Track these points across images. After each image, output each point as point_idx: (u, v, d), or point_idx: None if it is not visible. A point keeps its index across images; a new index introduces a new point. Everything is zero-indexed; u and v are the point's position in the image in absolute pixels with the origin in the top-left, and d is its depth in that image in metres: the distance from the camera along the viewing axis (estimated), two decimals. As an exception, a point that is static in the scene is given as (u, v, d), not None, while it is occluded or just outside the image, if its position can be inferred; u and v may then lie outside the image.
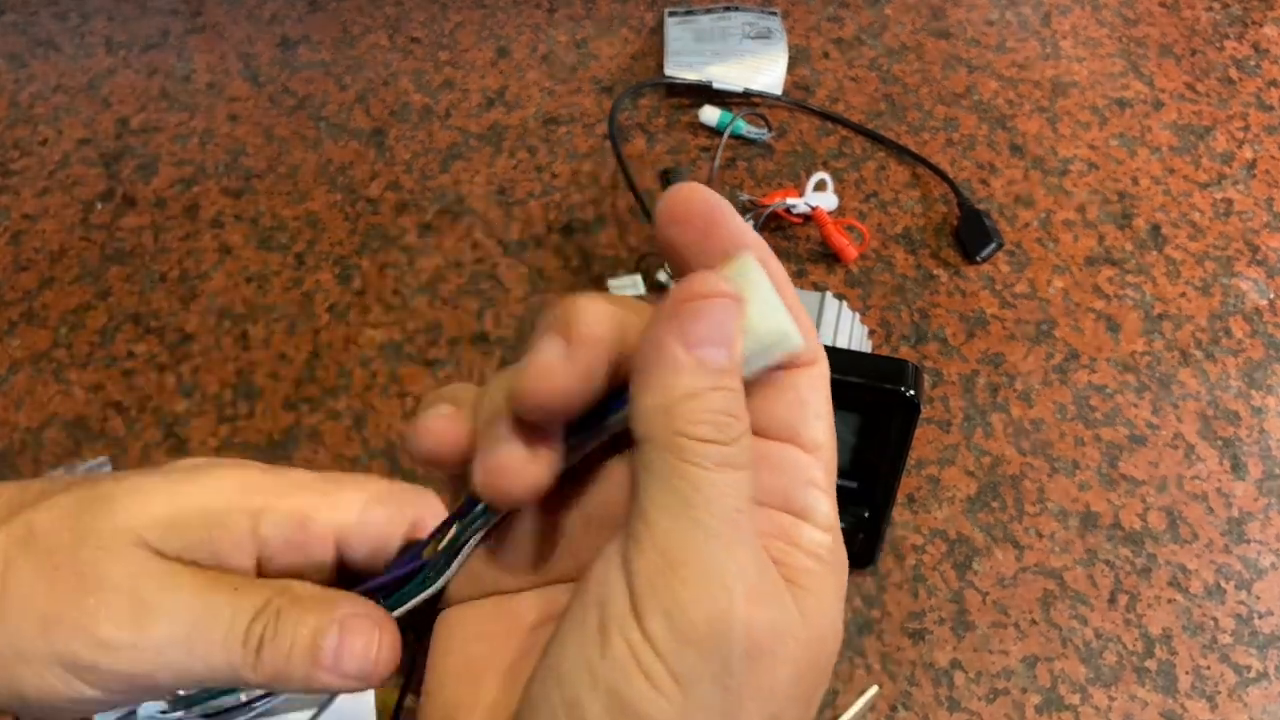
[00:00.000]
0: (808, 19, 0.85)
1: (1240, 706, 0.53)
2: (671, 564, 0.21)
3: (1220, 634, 0.55)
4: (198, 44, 0.84)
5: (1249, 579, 0.57)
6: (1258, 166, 0.76)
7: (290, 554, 0.28)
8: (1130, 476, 0.60)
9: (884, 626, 0.55)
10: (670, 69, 0.79)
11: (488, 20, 0.85)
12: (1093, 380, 0.64)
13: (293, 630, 0.27)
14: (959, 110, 0.79)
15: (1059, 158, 0.76)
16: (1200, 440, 0.62)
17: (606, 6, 0.86)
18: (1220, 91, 0.81)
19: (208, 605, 0.27)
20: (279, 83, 0.81)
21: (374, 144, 0.76)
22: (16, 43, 0.84)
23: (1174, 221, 0.72)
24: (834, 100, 0.79)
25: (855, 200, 0.73)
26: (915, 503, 0.59)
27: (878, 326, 0.66)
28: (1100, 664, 0.54)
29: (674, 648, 0.21)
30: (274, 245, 0.71)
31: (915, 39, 0.84)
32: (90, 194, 0.74)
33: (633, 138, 0.77)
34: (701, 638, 0.21)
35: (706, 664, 0.21)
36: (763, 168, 0.75)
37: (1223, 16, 0.86)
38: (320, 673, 0.27)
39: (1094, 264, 0.70)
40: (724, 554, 0.21)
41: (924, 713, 0.52)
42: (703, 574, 0.21)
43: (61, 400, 0.64)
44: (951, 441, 0.61)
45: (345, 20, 0.85)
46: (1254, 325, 0.67)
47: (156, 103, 0.79)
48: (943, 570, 0.57)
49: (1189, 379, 0.65)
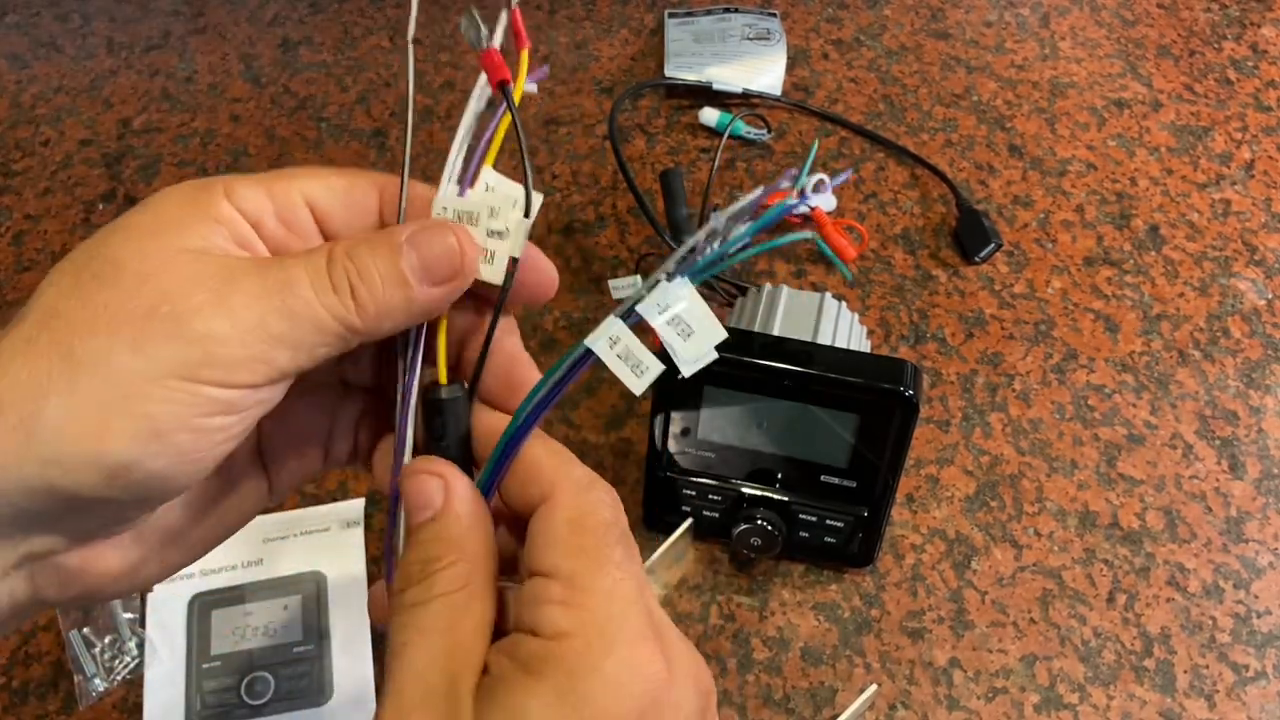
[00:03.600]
0: (807, 20, 0.85)
1: (1238, 705, 0.53)
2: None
3: (1219, 633, 0.55)
4: (199, 45, 0.84)
5: (1247, 578, 0.57)
6: (1256, 167, 0.76)
7: (278, 230, 0.29)
8: (1129, 476, 0.61)
9: (883, 626, 0.55)
10: (670, 70, 0.79)
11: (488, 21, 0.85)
12: (1091, 380, 0.65)
13: (371, 262, 0.27)
14: (958, 111, 0.79)
15: (1057, 158, 0.76)
16: (1198, 440, 0.62)
17: (607, 8, 0.86)
18: (1218, 92, 0.81)
19: (279, 273, 0.26)
20: (280, 84, 0.81)
21: (375, 145, 0.77)
22: (18, 43, 0.84)
23: (1172, 222, 0.73)
24: (833, 101, 0.79)
25: (854, 201, 0.73)
26: (914, 502, 0.59)
27: (876, 327, 0.67)
28: (1099, 663, 0.54)
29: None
30: (275, 246, 0.71)
31: (914, 40, 0.84)
32: (92, 194, 0.74)
33: (633, 138, 0.77)
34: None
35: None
36: (762, 168, 0.75)
37: (1221, 17, 0.87)
38: (418, 289, 0.27)
39: (1092, 264, 0.70)
40: (387, 681, 0.26)
41: (923, 711, 0.53)
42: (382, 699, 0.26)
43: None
44: (950, 441, 0.62)
45: (346, 22, 0.85)
46: (1252, 325, 0.67)
47: (158, 103, 0.80)
48: (941, 569, 0.57)
49: (1187, 379, 0.65)
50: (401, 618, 0.26)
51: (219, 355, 0.25)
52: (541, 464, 0.28)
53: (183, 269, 0.25)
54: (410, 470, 0.28)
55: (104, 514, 0.27)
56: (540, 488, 0.28)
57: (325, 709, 0.52)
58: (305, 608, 0.54)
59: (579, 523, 0.27)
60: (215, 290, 0.25)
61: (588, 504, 0.27)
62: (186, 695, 0.52)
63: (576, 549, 0.26)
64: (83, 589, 0.28)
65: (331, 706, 0.52)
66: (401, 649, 0.26)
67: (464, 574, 0.27)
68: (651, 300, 0.27)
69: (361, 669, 0.53)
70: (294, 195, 0.29)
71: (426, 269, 0.27)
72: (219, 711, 0.51)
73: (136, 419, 0.24)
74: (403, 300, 0.27)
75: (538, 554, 0.27)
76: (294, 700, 0.52)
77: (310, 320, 0.26)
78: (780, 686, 0.53)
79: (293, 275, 0.26)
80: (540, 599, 0.25)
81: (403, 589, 0.27)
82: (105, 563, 0.28)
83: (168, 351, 0.24)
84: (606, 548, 0.27)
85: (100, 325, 0.24)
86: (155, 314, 0.24)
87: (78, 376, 0.24)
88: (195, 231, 0.26)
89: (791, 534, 0.54)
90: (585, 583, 0.26)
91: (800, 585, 0.56)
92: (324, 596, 0.55)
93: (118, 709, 0.52)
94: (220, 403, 0.25)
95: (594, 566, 0.26)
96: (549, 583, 0.26)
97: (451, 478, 0.28)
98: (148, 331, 0.24)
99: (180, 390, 0.24)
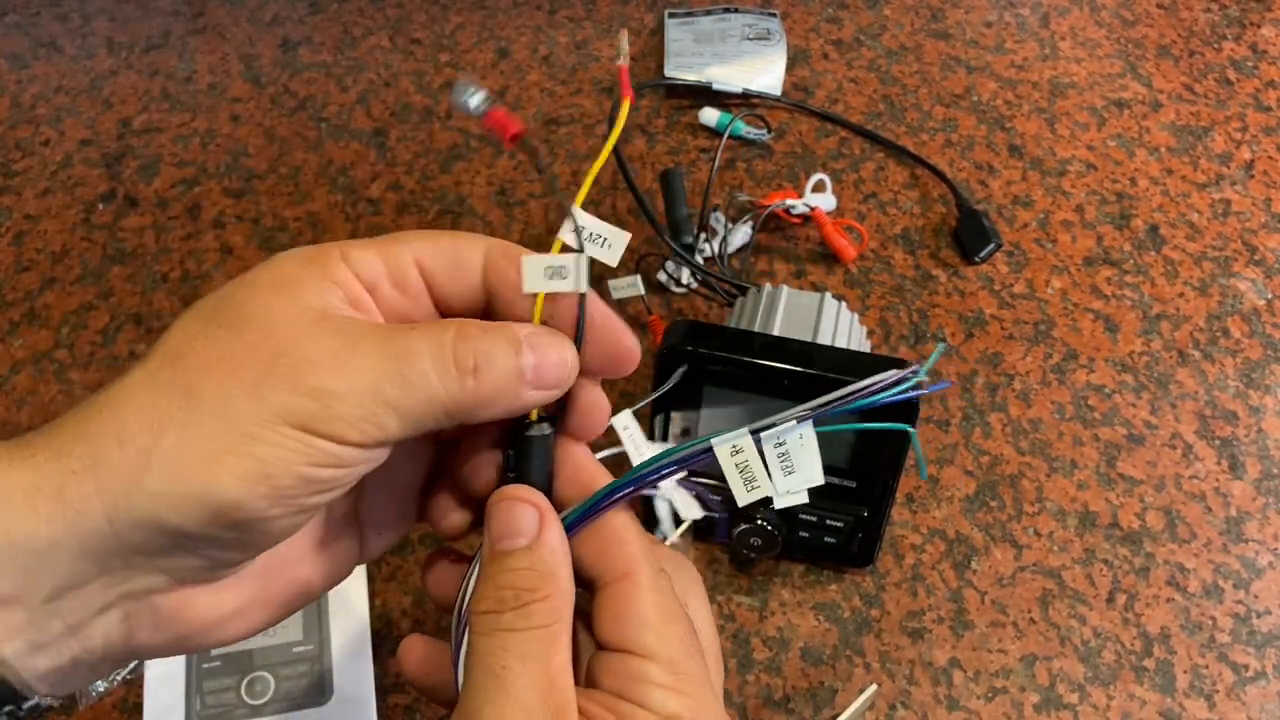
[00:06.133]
0: (807, 20, 0.85)
1: (1238, 705, 0.53)
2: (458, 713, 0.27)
3: (1218, 633, 0.55)
4: (199, 45, 0.84)
5: (1247, 578, 0.57)
6: (1255, 167, 0.76)
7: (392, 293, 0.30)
8: (1128, 476, 0.61)
9: (883, 625, 0.55)
10: (670, 70, 0.79)
11: (488, 22, 0.85)
12: (1091, 380, 0.65)
13: (492, 349, 0.28)
14: (958, 111, 0.79)
15: (1057, 158, 0.76)
16: (1198, 440, 0.62)
17: (607, 8, 0.86)
18: (1218, 92, 0.81)
19: (400, 342, 0.27)
20: (280, 84, 0.81)
21: (375, 145, 0.77)
22: (19, 43, 0.84)
23: (1172, 222, 0.73)
24: (833, 101, 0.79)
25: (854, 201, 0.73)
26: (914, 502, 0.59)
27: (876, 327, 0.67)
28: (1098, 663, 0.54)
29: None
30: (275, 245, 0.71)
31: (914, 40, 0.84)
32: (92, 194, 0.74)
33: (633, 138, 0.77)
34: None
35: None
36: (762, 168, 0.75)
37: (1220, 18, 0.87)
38: (527, 390, 0.29)
39: (1092, 264, 0.70)
40: (484, 704, 0.26)
41: (923, 711, 0.53)
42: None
43: (63, 400, 0.64)
44: (950, 441, 0.62)
45: (346, 22, 0.85)
46: (1252, 325, 0.67)
47: (158, 103, 0.80)
48: (941, 569, 0.57)
49: (1187, 379, 0.65)
50: (497, 640, 0.27)
51: (333, 411, 0.26)
52: (628, 537, 0.30)
53: (305, 326, 0.26)
54: (504, 495, 0.29)
55: (205, 555, 0.27)
56: (620, 561, 0.29)
57: (325, 709, 0.52)
58: (305, 608, 0.54)
59: (667, 610, 0.29)
60: (334, 350, 0.26)
61: (669, 589, 0.30)
62: (186, 695, 0.52)
63: (673, 636, 0.29)
64: (174, 634, 0.28)
65: (331, 706, 0.52)
66: (503, 672, 0.26)
67: (558, 610, 0.28)
68: (775, 431, 0.29)
69: (361, 669, 0.53)
70: (406, 258, 0.30)
71: (539, 373, 0.29)
72: (219, 711, 0.51)
73: (247, 459, 0.25)
74: (514, 394, 0.28)
75: (629, 631, 0.29)
76: (294, 700, 0.52)
77: (424, 393, 0.27)
78: (780, 686, 0.53)
79: (413, 347, 0.27)
80: (645, 679, 0.28)
81: (494, 610, 0.28)
82: (199, 608, 0.29)
83: (284, 400, 0.25)
84: (692, 635, 0.29)
85: (223, 369, 0.26)
86: (276, 364, 0.26)
87: (196, 414, 0.25)
88: (315, 291, 0.27)
89: (791, 534, 0.54)
90: (685, 669, 0.28)
91: (800, 585, 0.56)
92: (324, 597, 0.55)
93: (118, 709, 0.52)
94: (329, 455, 0.26)
95: (690, 656, 0.29)
96: (649, 665, 0.28)
97: (546, 510, 0.29)
98: (267, 380, 0.25)
99: (292, 438, 0.25)
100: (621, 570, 0.29)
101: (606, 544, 0.30)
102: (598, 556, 0.30)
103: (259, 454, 0.25)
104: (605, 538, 0.30)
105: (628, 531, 0.30)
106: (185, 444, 0.25)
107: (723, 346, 0.49)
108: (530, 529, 0.29)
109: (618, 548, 0.29)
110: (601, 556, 0.30)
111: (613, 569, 0.29)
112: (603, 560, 0.29)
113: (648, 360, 0.65)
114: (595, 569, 0.30)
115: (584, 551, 0.30)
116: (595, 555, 0.30)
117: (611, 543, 0.30)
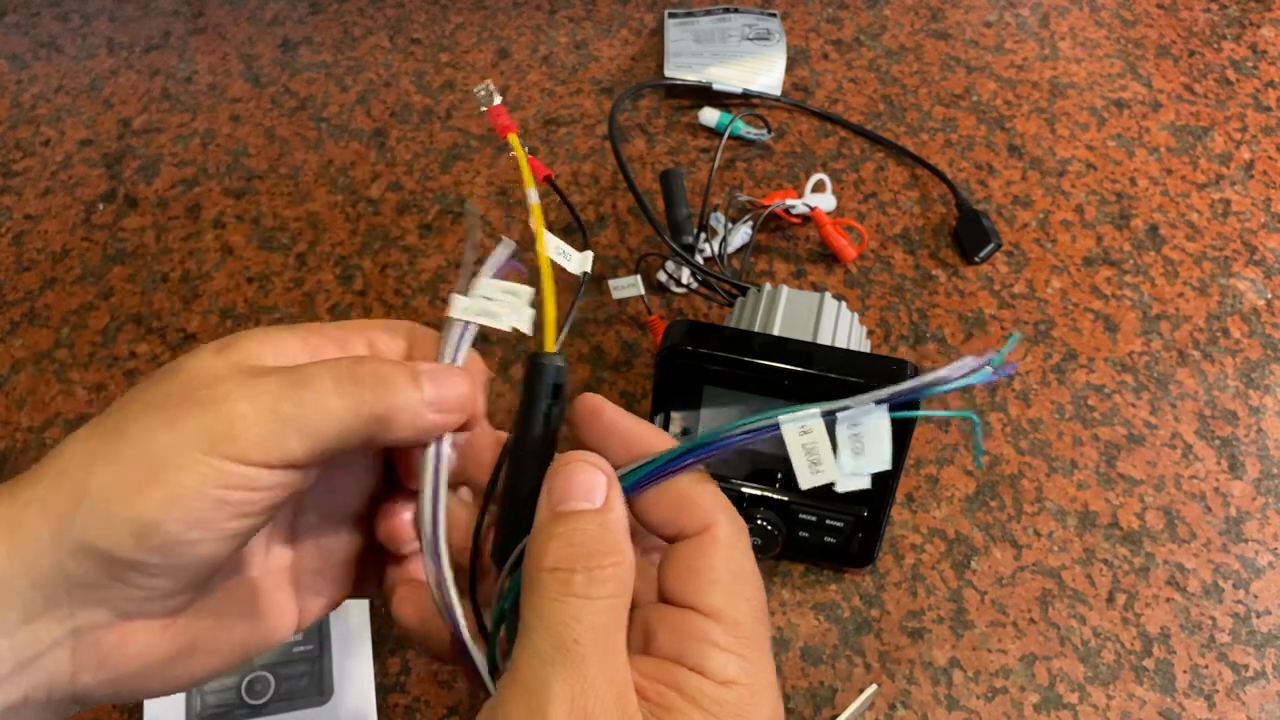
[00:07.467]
0: (807, 20, 0.85)
1: (1238, 705, 0.53)
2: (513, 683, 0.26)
3: (1218, 633, 0.55)
4: (199, 45, 0.84)
5: (1247, 578, 0.57)
6: (1255, 167, 0.76)
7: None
8: (1128, 476, 0.61)
9: (883, 625, 0.55)
10: (670, 70, 0.79)
11: (488, 22, 0.85)
12: (1091, 380, 0.65)
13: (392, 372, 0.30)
14: (957, 111, 0.79)
15: (1057, 158, 0.76)
16: (1198, 440, 0.62)
17: (607, 8, 0.86)
18: (1218, 92, 0.81)
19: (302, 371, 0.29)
20: (280, 84, 0.81)
21: (375, 145, 0.77)
22: (19, 44, 0.84)
23: (1172, 222, 0.73)
24: (833, 101, 0.79)
25: (854, 201, 0.73)
26: (914, 502, 0.59)
27: (876, 326, 0.67)
28: (1098, 663, 0.54)
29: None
30: (275, 246, 0.71)
31: (914, 40, 0.84)
32: (92, 194, 0.74)
33: (633, 139, 0.77)
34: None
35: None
36: (762, 168, 0.75)
37: (1220, 18, 0.87)
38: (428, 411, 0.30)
39: (1092, 264, 0.70)
40: (553, 678, 0.25)
41: (922, 711, 0.53)
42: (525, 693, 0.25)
43: (64, 400, 0.64)
44: (950, 441, 0.62)
45: (346, 22, 0.85)
46: (1251, 325, 0.67)
47: (158, 103, 0.80)
48: (941, 569, 0.57)
49: (1187, 379, 0.65)
50: (570, 609, 0.26)
51: (236, 431, 0.28)
52: (702, 494, 0.29)
53: (227, 370, 0.29)
54: (572, 458, 0.29)
55: (138, 584, 0.29)
56: (696, 517, 0.29)
57: (325, 709, 0.52)
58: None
59: (740, 568, 0.29)
60: (244, 382, 0.29)
61: (745, 548, 0.29)
62: (187, 695, 0.52)
63: (741, 597, 0.28)
64: (116, 673, 0.29)
65: (331, 706, 0.52)
66: (575, 647, 0.26)
67: (626, 581, 0.27)
68: (852, 412, 0.28)
69: (361, 669, 0.53)
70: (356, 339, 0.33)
71: (438, 393, 0.31)
72: (219, 711, 0.51)
73: (165, 485, 0.27)
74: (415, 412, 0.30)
75: (698, 589, 0.28)
76: (294, 700, 0.52)
77: (324, 409, 0.29)
78: (780, 686, 0.53)
79: (313, 371, 0.29)
80: (706, 639, 0.27)
81: (563, 568, 0.27)
82: (140, 645, 0.30)
83: (195, 427, 0.28)
84: (761, 598, 0.29)
85: (149, 410, 0.28)
86: (193, 399, 0.28)
87: (123, 448, 0.28)
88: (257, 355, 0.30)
89: (791, 534, 0.54)
90: (749, 633, 0.28)
91: (800, 585, 0.56)
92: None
93: (118, 709, 0.52)
94: (238, 477, 0.28)
95: (756, 619, 0.28)
96: (712, 624, 0.27)
97: (613, 478, 0.29)
98: (183, 412, 0.28)
99: (203, 463, 0.27)
100: (700, 523, 0.29)
101: (681, 499, 0.29)
102: (672, 512, 0.29)
103: (174, 479, 0.27)
104: (679, 493, 0.29)
105: (705, 485, 0.29)
106: (113, 475, 0.27)
107: (723, 346, 0.49)
108: (597, 494, 0.28)
109: (694, 501, 0.29)
110: (676, 513, 0.29)
111: (692, 523, 0.29)
112: (678, 516, 0.29)
113: (648, 360, 0.65)
114: (671, 525, 0.29)
115: (654, 510, 0.29)
116: (669, 511, 0.29)
117: (687, 497, 0.29)
